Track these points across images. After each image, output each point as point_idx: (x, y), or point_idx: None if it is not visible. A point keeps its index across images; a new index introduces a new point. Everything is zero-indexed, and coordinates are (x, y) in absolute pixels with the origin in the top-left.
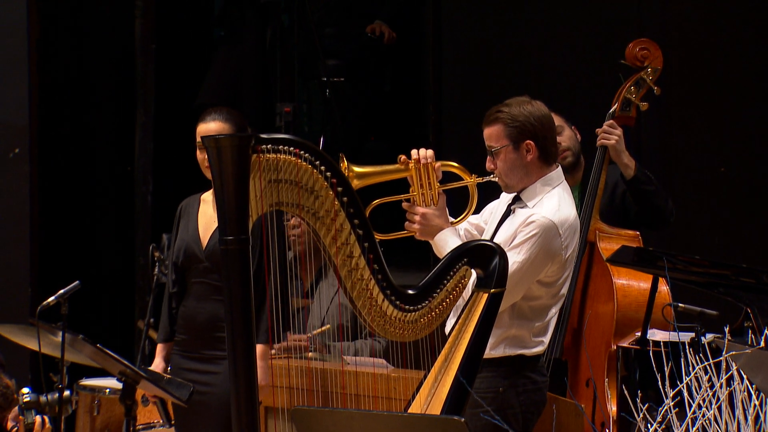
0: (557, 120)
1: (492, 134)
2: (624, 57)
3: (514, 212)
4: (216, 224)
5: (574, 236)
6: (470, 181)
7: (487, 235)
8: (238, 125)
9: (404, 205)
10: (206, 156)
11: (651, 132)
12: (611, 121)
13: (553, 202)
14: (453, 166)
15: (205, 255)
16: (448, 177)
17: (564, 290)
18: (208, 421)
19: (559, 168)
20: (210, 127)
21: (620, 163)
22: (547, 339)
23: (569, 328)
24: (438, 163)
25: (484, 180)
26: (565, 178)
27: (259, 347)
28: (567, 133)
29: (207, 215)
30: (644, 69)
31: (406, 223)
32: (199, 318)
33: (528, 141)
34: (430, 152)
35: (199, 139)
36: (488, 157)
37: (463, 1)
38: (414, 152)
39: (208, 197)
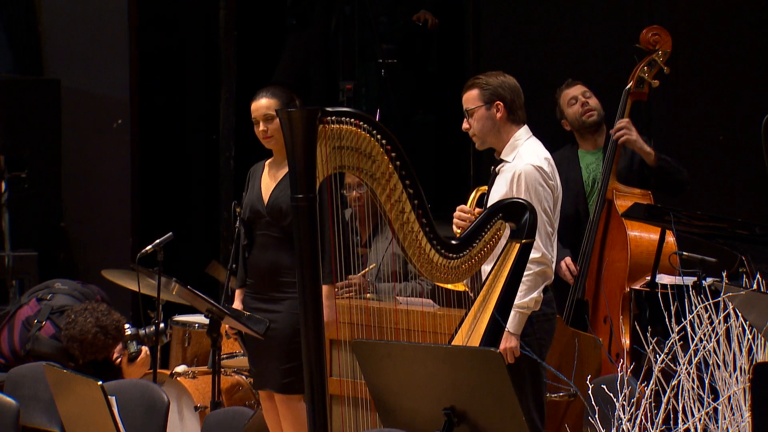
0: (585, 89)
1: (469, 98)
2: (638, 41)
3: (500, 172)
4: (275, 184)
5: (555, 172)
6: (483, 189)
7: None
8: (286, 99)
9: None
10: (262, 129)
11: (659, 106)
12: (626, 119)
13: (529, 151)
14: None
15: (267, 211)
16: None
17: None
18: (273, 351)
19: (526, 126)
20: (261, 103)
21: (642, 153)
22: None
23: (590, 273)
24: (473, 213)
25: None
26: (589, 141)
27: (324, 288)
28: (595, 99)
29: (268, 178)
30: (656, 52)
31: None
32: (262, 265)
33: (498, 102)
34: (459, 215)
35: (254, 115)
36: (465, 119)
37: None
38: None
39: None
